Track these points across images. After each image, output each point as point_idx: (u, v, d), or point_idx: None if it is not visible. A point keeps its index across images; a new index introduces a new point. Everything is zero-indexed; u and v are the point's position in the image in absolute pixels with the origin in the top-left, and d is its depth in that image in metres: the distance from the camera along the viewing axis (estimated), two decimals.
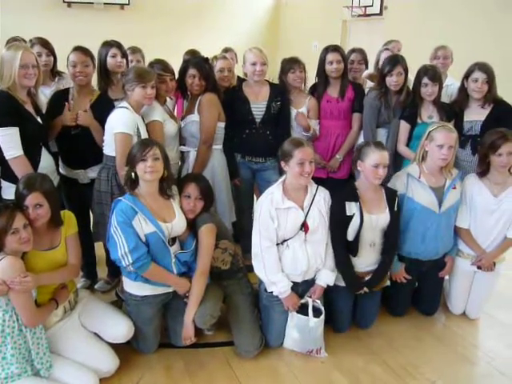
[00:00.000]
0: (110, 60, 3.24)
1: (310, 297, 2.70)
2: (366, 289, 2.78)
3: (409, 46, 4.56)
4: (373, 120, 3.41)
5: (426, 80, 3.19)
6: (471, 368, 2.72)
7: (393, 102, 3.37)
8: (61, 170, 3.02)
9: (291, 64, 3.42)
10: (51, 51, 3.34)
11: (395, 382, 2.56)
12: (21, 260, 2.21)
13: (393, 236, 2.80)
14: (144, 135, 2.79)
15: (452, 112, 3.26)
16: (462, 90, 3.25)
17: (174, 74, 3.10)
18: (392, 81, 3.29)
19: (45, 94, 3.14)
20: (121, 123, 2.71)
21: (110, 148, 2.78)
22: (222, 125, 3.22)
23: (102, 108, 2.92)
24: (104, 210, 2.81)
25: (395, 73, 3.27)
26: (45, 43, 3.34)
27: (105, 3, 8.35)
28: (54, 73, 3.43)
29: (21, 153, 2.57)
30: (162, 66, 3.03)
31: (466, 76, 3.19)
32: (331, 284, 2.73)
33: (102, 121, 2.84)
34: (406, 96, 3.37)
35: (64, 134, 2.93)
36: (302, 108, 3.47)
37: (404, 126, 3.32)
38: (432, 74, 3.18)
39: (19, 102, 2.61)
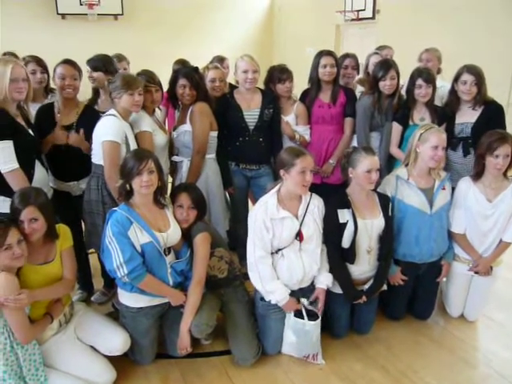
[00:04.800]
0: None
1: (311, 302, 2.70)
2: (364, 298, 2.77)
3: (401, 50, 4.59)
4: (366, 124, 3.42)
5: (420, 81, 3.20)
6: (471, 371, 2.70)
7: (385, 105, 3.38)
8: (51, 184, 3.00)
9: (281, 74, 3.41)
10: (45, 68, 3.33)
11: None
12: (15, 277, 2.20)
13: (388, 241, 2.79)
14: (132, 143, 2.78)
15: (444, 115, 3.26)
16: (453, 93, 3.25)
17: (160, 85, 3.09)
18: (386, 85, 3.30)
19: None
20: (108, 131, 2.70)
21: (98, 157, 2.77)
22: (214, 134, 3.21)
23: (89, 121, 2.90)
24: (95, 219, 2.81)
25: (389, 77, 3.29)
26: (39, 61, 3.34)
27: (98, 14, 8.38)
28: (48, 90, 3.42)
29: (16, 166, 2.56)
30: (147, 76, 3.01)
31: (456, 78, 3.19)
32: (331, 285, 2.73)
33: (89, 133, 2.82)
34: (398, 99, 3.40)
35: (54, 147, 2.93)
36: (289, 115, 3.48)
37: (396, 128, 3.33)
38: (426, 75, 3.20)
39: (11, 116, 2.60)
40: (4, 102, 2.57)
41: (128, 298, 2.57)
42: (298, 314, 2.65)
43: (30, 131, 2.74)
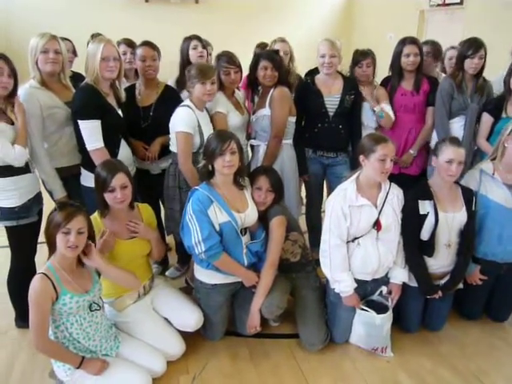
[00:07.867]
0: (191, 52, 3.33)
1: (388, 293, 2.68)
2: (440, 293, 2.70)
3: (490, 38, 4.35)
4: (446, 107, 3.28)
5: None
6: None
7: (468, 88, 3.25)
8: None
9: (359, 58, 3.36)
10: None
11: None
12: (49, 281, 2.11)
13: (470, 236, 2.68)
14: (207, 132, 2.80)
15: None
16: None
17: (239, 66, 3.11)
18: (473, 63, 3.17)
19: None
20: (181, 122, 2.76)
21: (175, 146, 2.84)
22: (292, 119, 3.20)
23: (167, 101, 3.00)
24: (172, 204, 2.91)
25: (478, 56, 3.16)
26: (130, 43, 3.49)
27: None
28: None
29: (102, 145, 2.68)
30: (227, 57, 3.06)
31: None
32: (406, 281, 2.69)
33: (167, 114, 2.86)
34: (483, 81, 3.26)
35: (135, 127, 3.04)
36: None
37: (487, 119, 3.19)
38: None
39: (102, 95, 2.72)
40: (97, 80, 2.69)
41: (203, 275, 2.65)
42: (368, 307, 2.63)
43: (120, 111, 2.86)
